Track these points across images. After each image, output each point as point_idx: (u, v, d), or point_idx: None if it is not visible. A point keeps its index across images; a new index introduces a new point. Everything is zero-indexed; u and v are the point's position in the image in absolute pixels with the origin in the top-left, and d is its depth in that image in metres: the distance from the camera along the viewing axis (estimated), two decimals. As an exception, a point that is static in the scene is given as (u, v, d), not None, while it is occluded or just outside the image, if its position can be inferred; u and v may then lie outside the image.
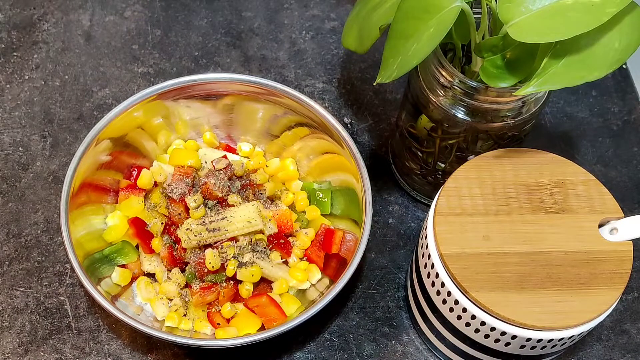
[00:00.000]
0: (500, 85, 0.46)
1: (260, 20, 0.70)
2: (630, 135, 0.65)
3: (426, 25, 0.44)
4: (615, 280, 0.44)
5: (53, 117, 0.62)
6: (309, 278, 0.54)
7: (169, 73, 0.66)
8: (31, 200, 0.58)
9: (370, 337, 0.54)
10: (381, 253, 0.58)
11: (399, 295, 0.56)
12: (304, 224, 0.56)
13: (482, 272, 0.44)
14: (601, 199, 0.47)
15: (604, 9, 0.42)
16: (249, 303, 0.52)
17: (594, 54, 0.44)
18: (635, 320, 0.56)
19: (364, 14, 0.52)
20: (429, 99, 0.50)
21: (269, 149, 0.60)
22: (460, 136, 0.51)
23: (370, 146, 0.63)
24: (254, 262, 0.52)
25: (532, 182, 0.48)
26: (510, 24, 0.43)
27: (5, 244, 0.56)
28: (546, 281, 0.44)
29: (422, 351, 0.53)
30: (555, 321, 0.43)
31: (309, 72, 0.67)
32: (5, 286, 0.55)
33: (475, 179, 0.48)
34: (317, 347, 0.53)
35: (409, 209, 0.60)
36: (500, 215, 0.46)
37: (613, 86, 0.68)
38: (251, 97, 0.57)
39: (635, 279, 0.58)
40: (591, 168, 0.61)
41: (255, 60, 0.67)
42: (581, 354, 0.54)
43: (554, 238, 0.46)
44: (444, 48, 0.51)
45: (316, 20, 0.70)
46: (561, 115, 0.66)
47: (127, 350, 0.52)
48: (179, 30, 0.69)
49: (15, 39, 0.67)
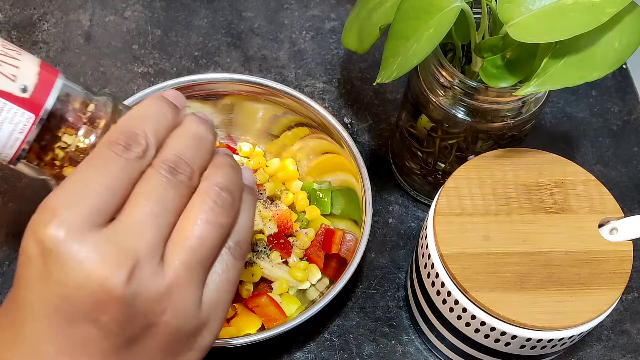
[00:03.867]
0: (500, 85, 0.46)
1: (260, 20, 0.70)
2: (630, 135, 0.65)
3: (426, 25, 0.44)
4: (615, 280, 0.44)
5: (53, 117, 0.62)
6: (309, 278, 0.54)
7: (169, 73, 0.66)
8: (31, 200, 0.58)
9: (370, 337, 0.54)
10: (381, 253, 0.58)
11: (399, 295, 0.56)
12: (304, 224, 0.56)
13: (482, 272, 0.44)
14: (601, 199, 0.47)
15: (604, 9, 0.42)
16: (249, 303, 0.52)
17: (594, 54, 0.44)
18: (635, 320, 0.56)
19: (364, 14, 0.52)
20: (429, 99, 0.50)
21: (269, 149, 0.60)
22: (460, 136, 0.51)
23: (370, 146, 0.63)
24: (254, 262, 0.52)
25: (532, 182, 0.48)
26: (510, 24, 0.43)
27: (5, 244, 0.56)
28: (546, 281, 0.44)
29: (422, 351, 0.53)
30: (555, 321, 0.43)
31: (309, 72, 0.67)
32: (6, 286, 0.54)
33: (475, 179, 0.48)
34: (317, 347, 0.53)
35: (409, 209, 0.60)
36: (500, 215, 0.46)
37: (613, 86, 0.68)
38: (251, 97, 0.57)
39: (635, 279, 0.58)
40: (591, 168, 0.61)
41: (255, 60, 0.67)
42: (581, 354, 0.54)
43: (554, 238, 0.46)
44: (444, 48, 0.51)
45: (316, 20, 0.70)
46: (561, 115, 0.66)
47: (127, 350, 0.52)
48: (179, 30, 0.69)
49: (15, 39, 0.67)
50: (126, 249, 0.27)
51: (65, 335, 0.27)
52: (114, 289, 0.27)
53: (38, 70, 0.34)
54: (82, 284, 0.27)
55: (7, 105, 0.32)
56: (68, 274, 0.27)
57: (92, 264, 0.27)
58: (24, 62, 0.33)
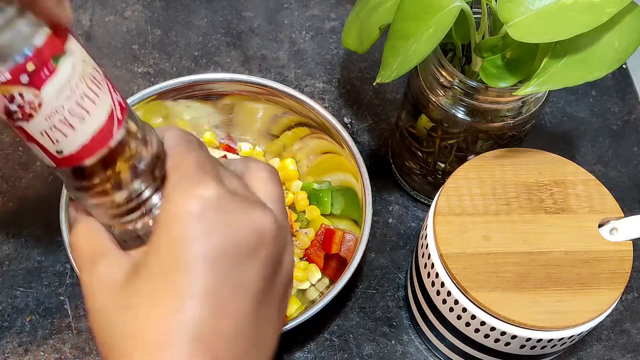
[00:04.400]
0: (500, 85, 0.46)
1: (260, 20, 0.70)
2: (630, 135, 0.65)
3: (426, 25, 0.44)
4: (615, 280, 0.44)
5: (53, 117, 0.62)
6: (309, 278, 0.54)
7: (169, 73, 0.66)
8: (31, 200, 0.58)
9: (370, 337, 0.54)
10: (381, 253, 0.58)
11: (399, 295, 0.56)
12: (304, 224, 0.56)
13: (482, 272, 0.44)
14: (601, 198, 0.47)
15: (604, 9, 0.42)
16: (249, 303, 0.52)
17: (594, 54, 0.44)
18: (635, 320, 0.56)
19: (364, 14, 0.52)
20: (429, 99, 0.50)
21: (269, 149, 0.60)
22: (460, 136, 0.51)
23: (370, 146, 0.63)
24: (254, 262, 0.52)
25: (532, 182, 0.48)
26: (510, 24, 0.43)
27: (5, 244, 0.56)
28: (546, 281, 0.44)
29: (422, 351, 0.53)
30: (555, 321, 0.43)
31: (309, 72, 0.67)
32: (5, 286, 0.54)
33: (475, 179, 0.48)
34: (317, 347, 0.53)
35: (409, 209, 0.60)
36: (500, 215, 0.46)
37: (613, 86, 0.68)
38: (251, 97, 0.57)
39: (635, 279, 0.58)
40: (591, 168, 0.61)
41: (255, 60, 0.67)
42: (581, 354, 0.54)
43: (554, 238, 0.46)
44: (444, 48, 0.51)
45: (316, 20, 0.70)
46: (561, 115, 0.66)
47: (127, 350, 0.52)
48: (179, 30, 0.69)
49: (15, 39, 0.67)
50: (259, 199, 0.34)
51: (232, 278, 0.30)
52: (270, 224, 0.32)
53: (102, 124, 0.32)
54: (245, 226, 0.31)
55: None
56: (231, 221, 0.30)
57: (248, 209, 0.31)
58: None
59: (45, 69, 0.28)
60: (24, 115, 0.29)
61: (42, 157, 0.32)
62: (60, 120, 0.30)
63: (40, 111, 0.29)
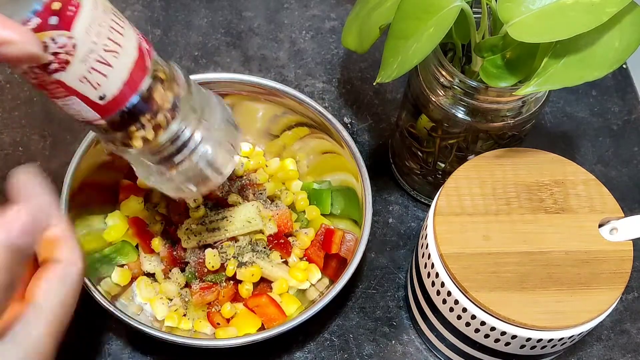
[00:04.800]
0: (500, 85, 0.46)
1: (260, 20, 0.70)
2: (630, 135, 0.65)
3: (426, 25, 0.44)
4: (615, 280, 0.44)
5: (53, 117, 0.62)
6: (309, 278, 0.54)
7: (169, 73, 0.66)
8: (31, 200, 0.58)
9: (370, 337, 0.54)
10: (381, 253, 0.58)
11: (399, 295, 0.56)
12: (304, 224, 0.56)
13: (482, 272, 0.44)
14: (601, 198, 0.47)
15: (604, 8, 0.42)
16: (248, 303, 0.52)
17: (594, 53, 0.44)
18: (635, 320, 0.56)
19: (363, 14, 0.52)
20: (429, 99, 0.50)
21: (268, 149, 0.60)
22: (460, 136, 0.51)
23: (370, 146, 0.63)
24: (254, 262, 0.52)
25: (532, 182, 0.48)
26: (510, 24, 0.43)
27: (5, 243, 0.56)
28: (546, 281, 0.44)
29: (422, 351, 0.53)
30: (555, 321, 0.43)
31: (309, 72, 0.67)
32: (5, 286, 0.54)
33: (475, 178, 0.48)
34: (317, 347, 0.53)
35: (409, 209, 0.60)
36: (500, 215, 0.46)
37: (613, 86, 0.68)
38: (251, 97, 0.57)
39: (635, 279, 0.58)
40: (591, 168, 0.61)
41: (255, 60, 0.67)
42: (581, 354, 0.54)
43: (554, 238, 0.45)
44: (444, 48, 0.51)
45: (316, 20, 0.70)
46: (561, 115, 0.66)
47: (127, 350, 0.52)
48: (178, 30, 0.68)
49: (15, 38, 0.67)
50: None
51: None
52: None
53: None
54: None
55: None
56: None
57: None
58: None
59: (69, 5, 0.28)
60: (61, 63, 0.28)
61: (85, 112, 0.31)
62: (97, 60, 0.29)
63: (76, 53, 0.28)
